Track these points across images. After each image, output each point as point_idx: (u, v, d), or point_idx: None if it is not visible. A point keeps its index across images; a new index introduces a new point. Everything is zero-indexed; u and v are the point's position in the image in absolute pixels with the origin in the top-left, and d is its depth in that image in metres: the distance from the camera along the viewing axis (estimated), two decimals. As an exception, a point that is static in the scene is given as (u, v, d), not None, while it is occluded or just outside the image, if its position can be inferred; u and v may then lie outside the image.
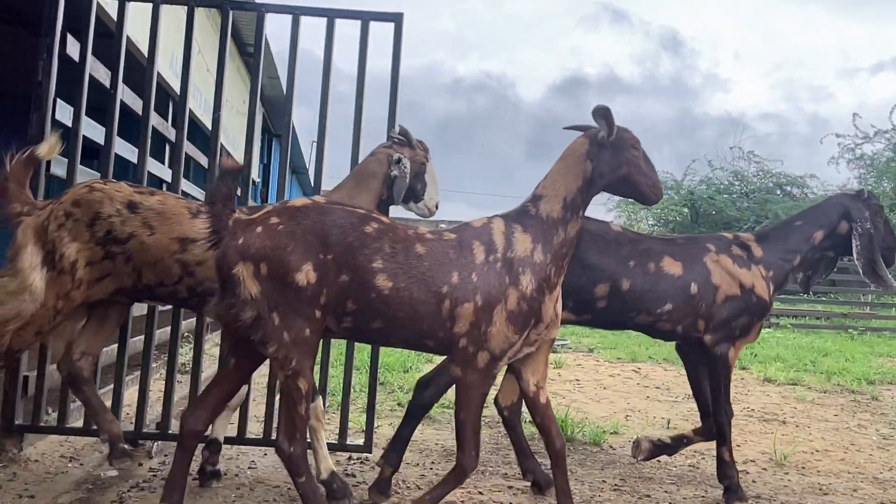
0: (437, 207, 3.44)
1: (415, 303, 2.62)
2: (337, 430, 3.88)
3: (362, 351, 5.96)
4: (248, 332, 2.56)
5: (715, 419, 3.61)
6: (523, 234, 2.77)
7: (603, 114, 2.80)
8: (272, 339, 2.54)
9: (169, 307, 3.70)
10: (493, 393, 3.63)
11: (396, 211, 3.58)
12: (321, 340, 3.82)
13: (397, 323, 2.64)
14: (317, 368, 4.16)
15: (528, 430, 4.85)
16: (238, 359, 2.72)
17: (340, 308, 2.63)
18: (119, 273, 3.07)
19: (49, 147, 3.22)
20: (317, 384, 3.91)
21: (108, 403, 3.94)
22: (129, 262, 3.05)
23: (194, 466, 3.27)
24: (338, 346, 6.43)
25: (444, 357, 3.07)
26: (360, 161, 3.59)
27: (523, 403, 3.63)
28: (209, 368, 5.32)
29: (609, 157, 2.85)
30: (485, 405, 3.49)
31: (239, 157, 9.28)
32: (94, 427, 3.73)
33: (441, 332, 2.67)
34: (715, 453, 3.62)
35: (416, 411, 3.47)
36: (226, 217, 2.56)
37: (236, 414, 3.84)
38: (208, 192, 2.65)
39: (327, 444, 3.70)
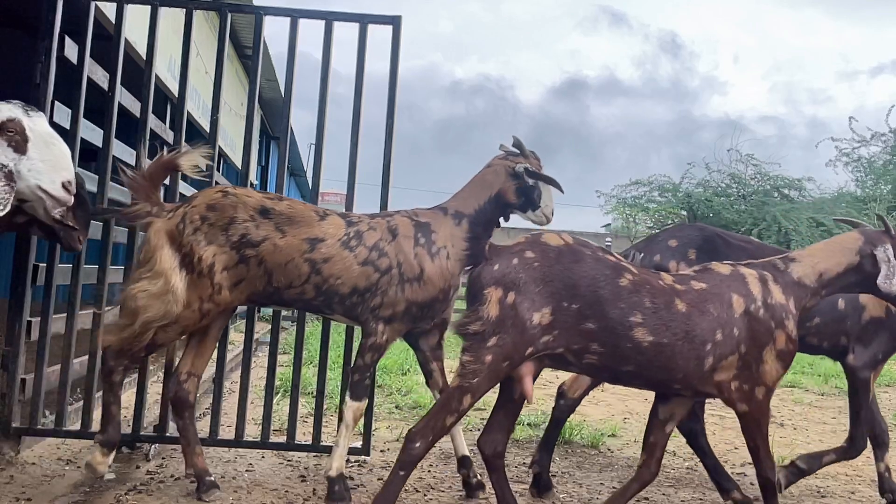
0: (552, 214, 3.46)
1: (675, 356, 2.75)
2: (335, 433, 3.87)
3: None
4: (464, 338, 2.72)
5: (855, 432, 3.57)
6: (775, 285, 2.93)
7: (885, 220, 3.14)
8: (474, 352, 2.68)
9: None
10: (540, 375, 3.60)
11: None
12: (322, 338, 3.83)
13: (651, 369, 2.76)
14: (315, 370, 4.16)
15: (522, 433, 4.85)
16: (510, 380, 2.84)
17: (580, 348, 2.73)
18: (252, 277, 3.14)
19: (190, 159, 3.27)
20: (316, 386, 3.91)
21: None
22: (261, 264, 3.12)
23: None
24: (335, 348, 6.43)
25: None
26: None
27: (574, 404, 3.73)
28: (206, 371, 5.30)
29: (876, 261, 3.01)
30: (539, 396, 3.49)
31: (237, 159, 9.29)
32: (92, 430, 3.74)
33: (696, 379, 2.81)
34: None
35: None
36: (483, 242, 2.87)
37: (234, 416, 3.84)
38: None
39: (325, 446, 3.71)
